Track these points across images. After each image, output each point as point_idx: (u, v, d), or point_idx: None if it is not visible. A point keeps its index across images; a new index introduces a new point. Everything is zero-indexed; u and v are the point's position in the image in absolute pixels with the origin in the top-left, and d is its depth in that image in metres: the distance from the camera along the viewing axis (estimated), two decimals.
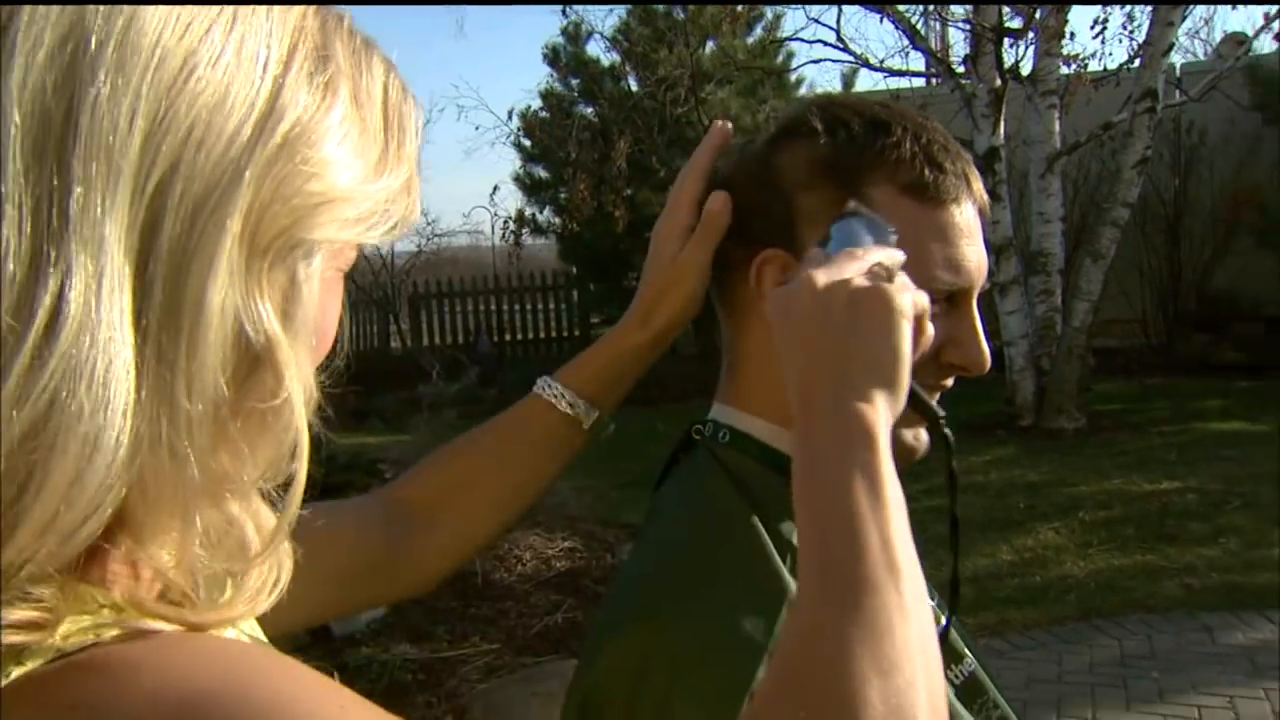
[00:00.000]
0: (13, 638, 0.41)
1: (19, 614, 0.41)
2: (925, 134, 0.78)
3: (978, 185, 0.79)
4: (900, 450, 0.78)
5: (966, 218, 0.78)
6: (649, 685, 0.67)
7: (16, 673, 0.40)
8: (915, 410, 0.70)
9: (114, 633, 0.43)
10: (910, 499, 0.61)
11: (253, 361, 0.45)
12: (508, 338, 12.58)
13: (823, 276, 0.66)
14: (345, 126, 0.48)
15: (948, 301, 0.77)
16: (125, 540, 0.45)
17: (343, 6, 0.51)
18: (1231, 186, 9.71)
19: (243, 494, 0.48)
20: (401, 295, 12.51)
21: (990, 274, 0.81)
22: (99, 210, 0.40)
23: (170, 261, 0.42)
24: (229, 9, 0.45)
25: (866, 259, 0.68)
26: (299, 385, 0.47)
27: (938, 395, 0.80)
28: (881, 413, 0.62)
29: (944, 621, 0.82)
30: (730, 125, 0.86)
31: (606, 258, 11.93)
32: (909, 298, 0.66)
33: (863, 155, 0.76)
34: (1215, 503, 5.50)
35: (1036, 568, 4.75)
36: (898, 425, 0.78)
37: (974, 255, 0.78)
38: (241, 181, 0.44)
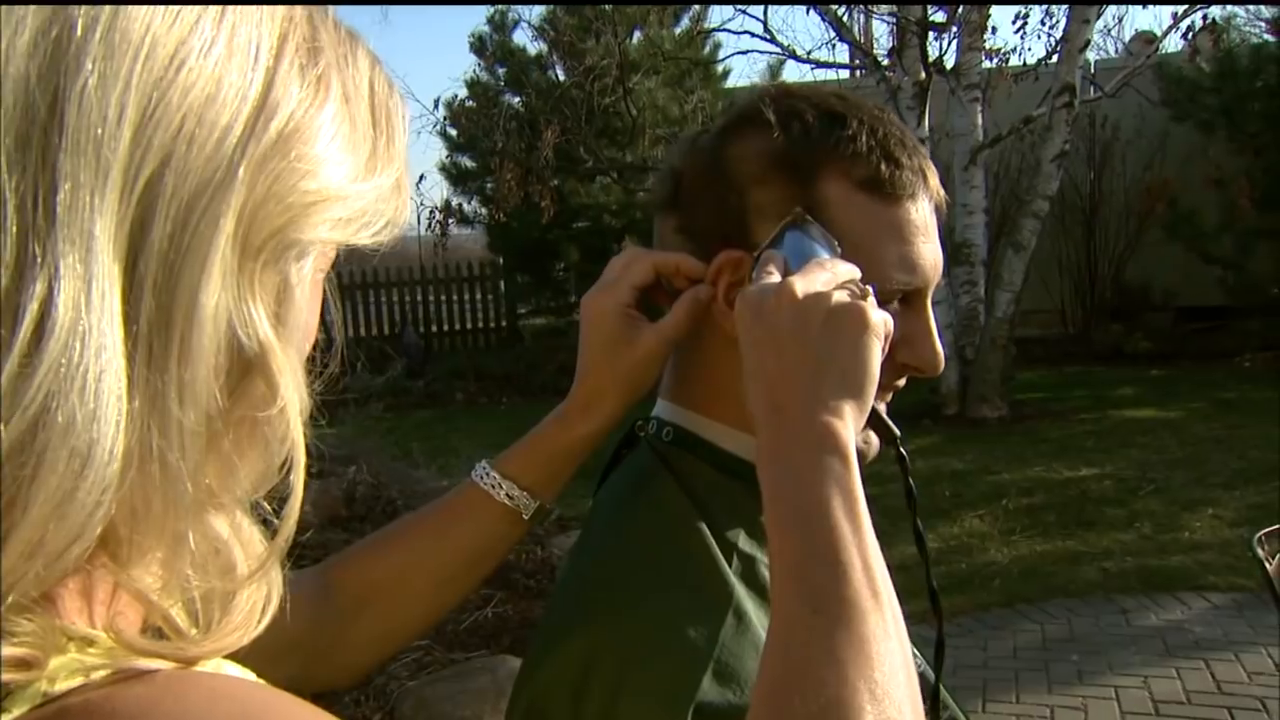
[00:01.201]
0: (3, 676, 0.37)
1: (7, 650, 0.37)
2: (882, 127, 0.75)
3: (934, 181, 0.77)
4: None
5: (923, 215, 0.76)
6: (594, 688, 0.66)
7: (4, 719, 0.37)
8: (875, 429, 0.70)
9: (104, 673, 0.40)
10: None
11: (245, 368, 0.43)
12: (434, 329, 12.44)
13: (801, 286, 0.65)
14: (337, 123, 0.46)
15: (902, 301, 0.76)
16: (105, 563, 0.42)
17: None
18: (1143, 181, 10.02)
19: (230, 510, 0.45)
20: (327, 286, 12.26)
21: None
22: (87, 208, 0.38)
23: (161, 262, 0.40)
24: None
25: (836, 273, 0.67)
26: (295, 394, 0.45)
27: (890, 395, 0.79)
28: (851, 428, 0.62)
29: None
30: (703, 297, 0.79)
31: (534, 248, 11.85)
32: (882, 317, 0.66)
33: (817, 149, 0.73)
34: (1130, 489, 5.68)
35: (962, 555, 4.85)
36: None
37: (930, 254, 0.76)
38: (235, 178, 0.41)
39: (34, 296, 0.36)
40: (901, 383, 0.80)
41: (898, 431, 0.71)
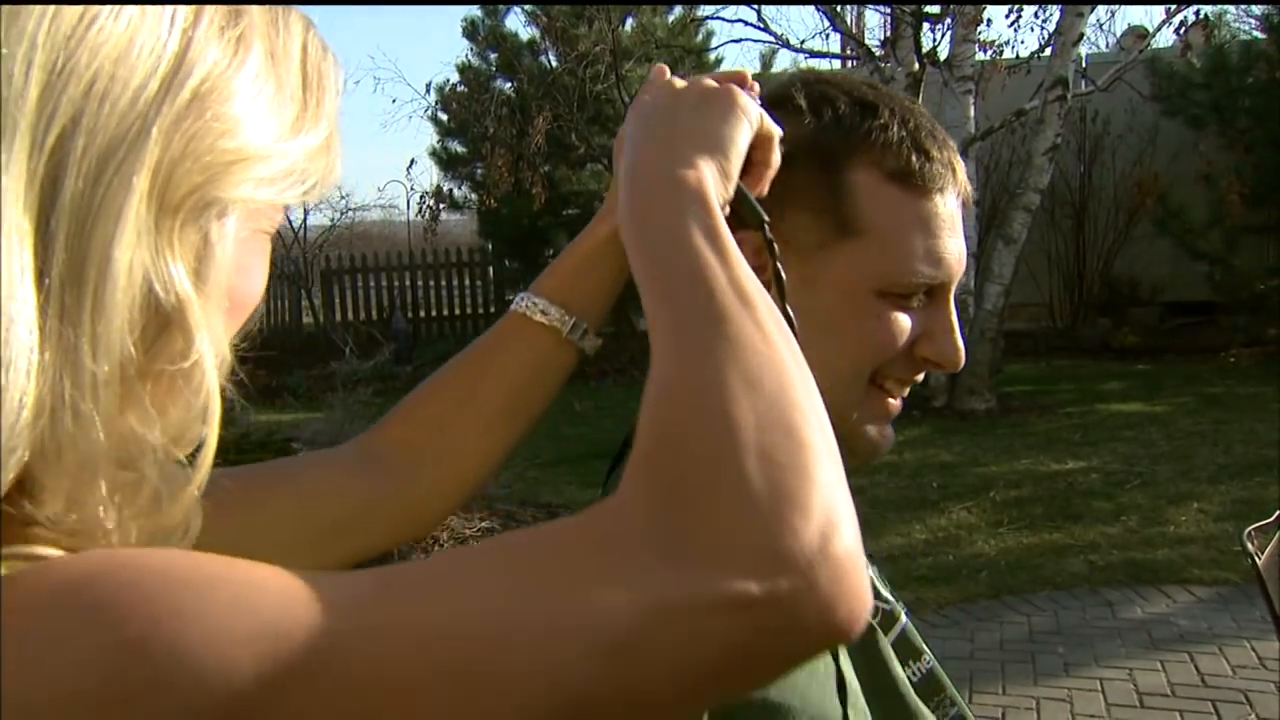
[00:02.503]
0: None
1: None
2: (913, 118, 0.75)
3: (962, 174, 0.76)
4: (863, 446, 0.76)
5: (950, 208, 0.75)
6: None
7: None
8: (741, 209, 0.65)
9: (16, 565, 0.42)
10: None
11: (163, 322, 0.44)
12: (422, 314, 12.40)
13: (682, 81, 0.66)
14: (259, 83, 0.47)
15: (925, 295, 0.75)
16: (23, 504, 0.43)
17: None
18: (1132, 175, 10.05)
19: (153, 458, 0.46)
20: (314, 270, 12.22)
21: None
22: None
23: (73, 218, 0.41)
24: None
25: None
26: (210, 347, 0.46)
27: (906, 389, 0.78)
28: (710, 180, 0.59)
29: (904, 619, 0.81)
30: None
31: (524, 234, 11.82)
32: (759, 111, 0.65)
33: (848, 137, 0.73)
34: (1117, 482, 5.71)
35: (950, 547, 4.86)
36: (861, 421, 0.75)
37: (955, 248, 0.75)
38: (148, 137, 0.42)
39: None
40: (920, 376, 0.79)
41: (765, 216, 0.66)
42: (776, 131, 0.67)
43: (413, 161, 17.18)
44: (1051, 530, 5.01)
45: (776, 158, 0.68)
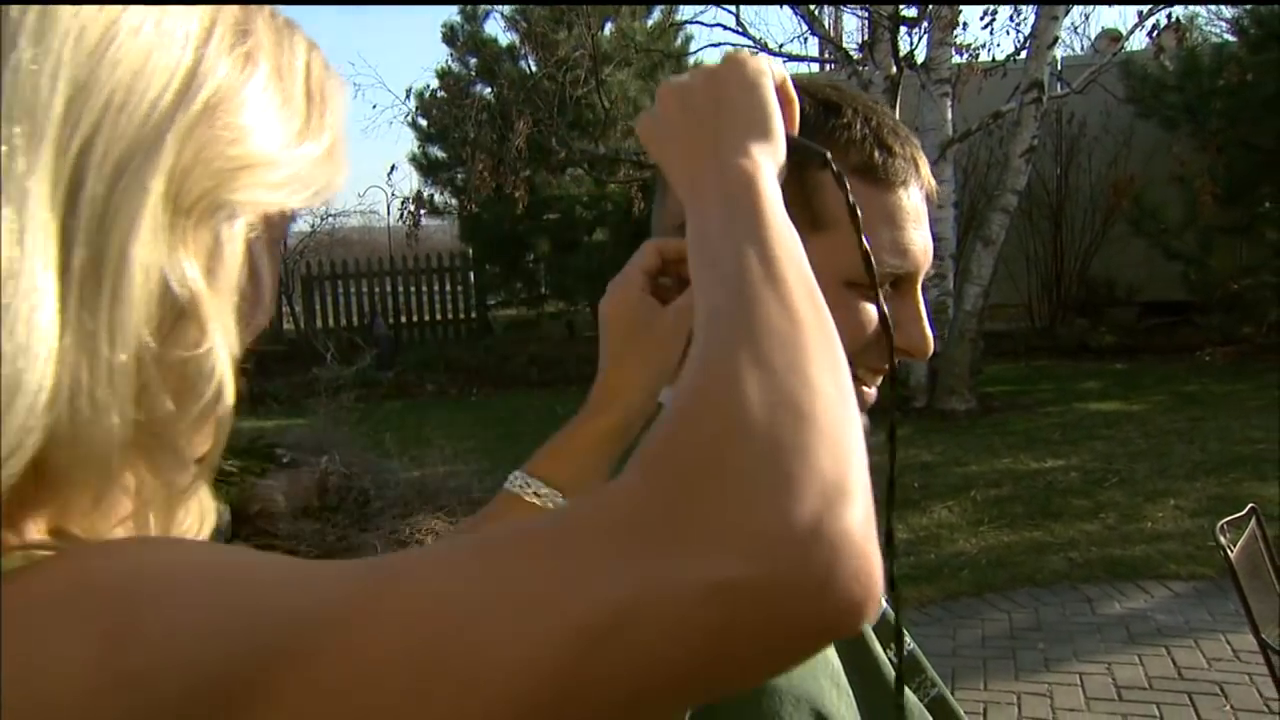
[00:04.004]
0: None
1: None
2: (875, 116, 0.78)
3: (925, 170, 0.79)
4: None
5: (914, 201, 0.78)
6: None
7: None
8: (799, 155, 0.67)
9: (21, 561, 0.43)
10: None
11: (177, 315, 0.47)
12: (404, 320, 12.37)
13: (673, 80, 0.67)
14: (266, 96, 0.50)
15: (891, 286, 0.77)
16: (40, 492, 0.45)
17: None
18: (1108, 177, 10.14)
19: (168, 447, 0.49)
20: (295, 276, 12.17)
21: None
22: (23, 168, 0.42)
23: (93, 217, 0.44)
24: None
25: None
26: (223, 338, 0.49)
27: (879, 379, 0.81)
28: (762, 164, 0.60)
29: (885, 605, 0.84)
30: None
31: (505, 239, 11.82)
32: (766, 60, 0.66)
33: (813, 136, 0.75)
34: (1095, 480, 5.77)
35: (931, 545, 4.90)
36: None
37: (920, 240, 0.78)
38: (163, 144, 0.46)
39: None
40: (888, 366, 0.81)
41: (824, 151, 0.68)
42: (783, 71, 0.68)
43: (393, 167, 17.23)
44: (1032, 528, 5.06)
45: (793, 92, 0.69)
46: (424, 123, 12.26)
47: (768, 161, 0.60)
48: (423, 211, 11.05)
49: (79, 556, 0.43)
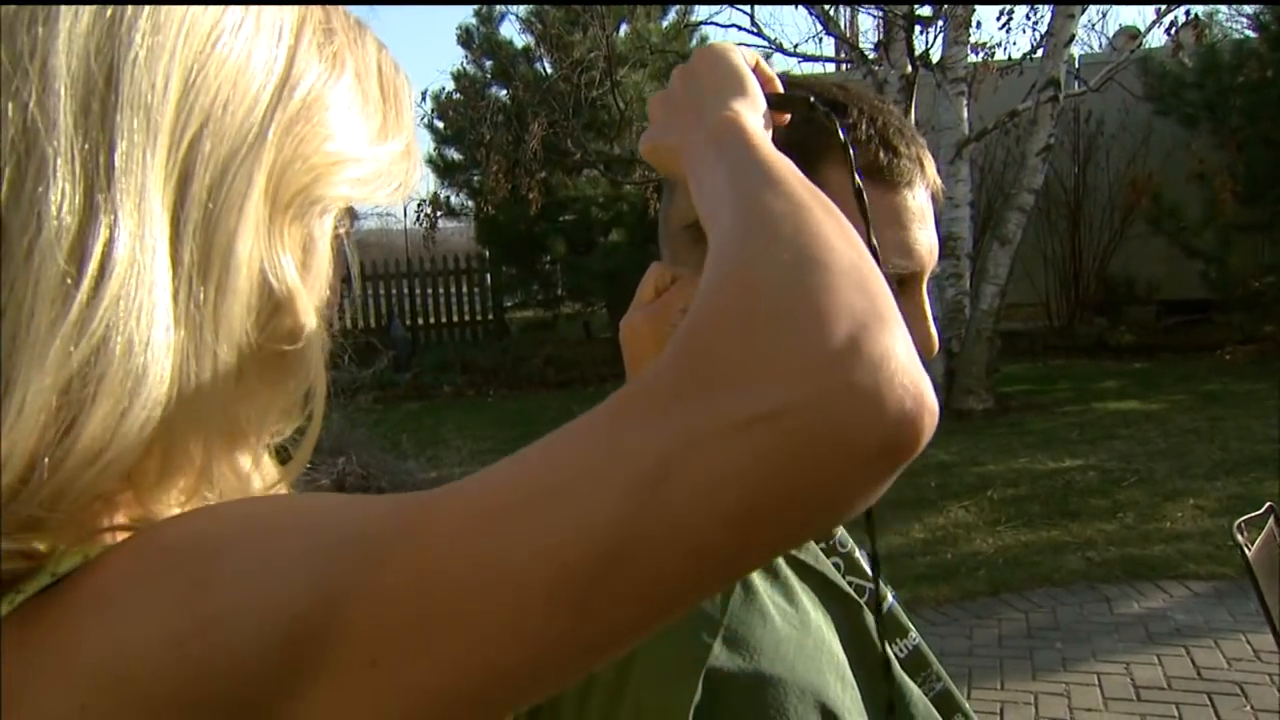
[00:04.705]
0: (16, 564, 0.42)
1: (8, 545, 0.42)
2: (881, 116, 0.78)
3: (931, 169, 0.79)
4: None
5: (919, 201, 0.78)
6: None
7: (19, 599, 0.42)
8: (783, 108, 0.68)
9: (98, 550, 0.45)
10: None
11: (274, 308, 0.49)
12: (421, 322, 12.42)
13: (659, 96, 0.69)
14: (352, 95, 0.52)
15: (898, 285, 0.78)
16: (134, 488, 0.47)
17: None
18: (1126, 175, 10.09)
19: (256, 440, 0.50)
20: None
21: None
22: (140, 164, 0.44)
23: (202, 212, 0.45)
24: None
25: None
26: (315, 329, 0.51)
27: None
28: (742, 111, 0.60)
29: (890, 599, 0.84)
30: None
31: (521, 241, 11.84)
32: (733, 45, 0.68)
33: (819, 136, 0.76)
34: (1113, 479, 5.74)
35: (948, 545, 4.89)
36: None
37: (926, 239, 0.78)
38: (265, 140, 0.47)
39: (98, 240, 0.42)
40: None
41: (810, 96, 0.69)
42: (755, 53, 0.70)
43: None
44: (1049, 528, 5.04)
45: (771, 70, 0.71)
46: (440, 125, 12.29)
47: (748, 111, 0.61)
48: (439, 213, 11.10)
49: (154, 528, 0.45)
